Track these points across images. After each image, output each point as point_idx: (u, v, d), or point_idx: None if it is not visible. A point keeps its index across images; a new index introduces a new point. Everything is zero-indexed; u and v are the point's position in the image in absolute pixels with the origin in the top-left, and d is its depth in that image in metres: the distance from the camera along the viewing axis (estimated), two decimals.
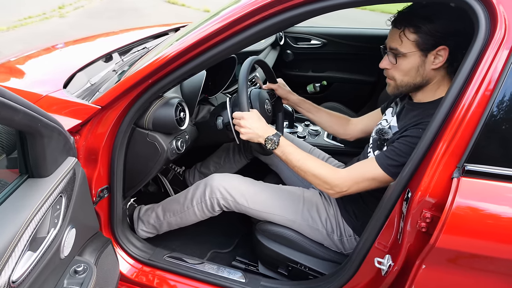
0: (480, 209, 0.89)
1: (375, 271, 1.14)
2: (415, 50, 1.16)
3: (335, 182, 1.24)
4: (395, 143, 1.19)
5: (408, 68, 1.19)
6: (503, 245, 0.89)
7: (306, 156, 1.31)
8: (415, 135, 1.13)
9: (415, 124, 1.17)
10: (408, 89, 1.25)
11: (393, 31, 1.20)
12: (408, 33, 1.15)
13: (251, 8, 1.07)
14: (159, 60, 1.18)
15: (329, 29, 2.78)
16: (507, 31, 0.89)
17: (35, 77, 1.61)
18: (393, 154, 1.17)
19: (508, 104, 0.87)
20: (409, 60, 1.18)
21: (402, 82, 1.23)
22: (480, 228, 0.89)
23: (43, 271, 0.85)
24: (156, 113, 1.33)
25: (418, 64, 1.18)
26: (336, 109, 2.53)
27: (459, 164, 0.91)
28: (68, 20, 6.47)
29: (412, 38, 1.15)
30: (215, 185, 1.46)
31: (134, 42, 1.91)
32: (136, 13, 7.20)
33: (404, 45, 1.16)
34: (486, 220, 0.88)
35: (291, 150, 1.31)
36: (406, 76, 1.21)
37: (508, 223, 0.88)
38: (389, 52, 1.21)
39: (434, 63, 1.17)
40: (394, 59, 1.20)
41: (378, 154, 1.22)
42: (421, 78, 1.20)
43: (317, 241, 1.44)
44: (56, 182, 0.90)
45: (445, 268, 0.95)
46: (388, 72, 1.25)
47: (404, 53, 1.17)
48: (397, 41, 1.18)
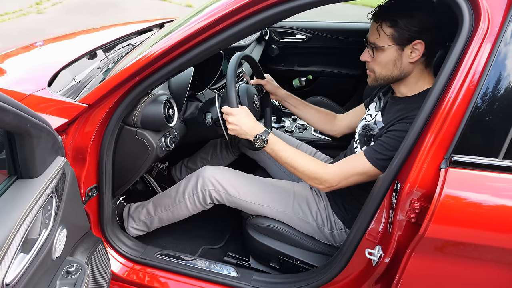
0: (468, 198, 0.91)
1: (366, 262, 1.16)
2: (391, 43, 1.19)
3: (325, 177, 1.25)
4: (383, 138, 1.21)
5: (385, 61, 1.23)
6: (490, 233, 0.92)
7: (295, 152, 1.32)
8: (402, 129, 1.16)
9: (400, 119, 1.20)
10: (387, 81, 1.29)
11: (372, 25, 1.24)
12: (385, 27, 1.19)
13: (237, 4, 1.07)
14: (146, 57, 1.17)
15: (314, 23, 2.79)
16: (490, 24, 0.91)
17: (16, 75, 1.57)
18: (381, 148, 1.19)
19: (492, 96, 0.89)
20: (386, 54, 1.21)
21: (380, 75, 1.27)
22: (467, 217, 0.91)
23: (36, 272, 0.84)
24: (145, 111, 1.32)
25: (395, 58, 1.21)
26: (321, 103, 2.55)
27: (446, 155, 0.93)
28: (46, 17, 6.32)
29: (388, 32, 1.18)
30: (207, 176, 1.46)
31: (118, 38, 1.88)
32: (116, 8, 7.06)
33: (381, 39, 1.20)
34: (473, 209, 0.91)
35: (280, 147, 1.32)
36: (384, 69, 1.25)
37: (494, 212, 0.91)
38: (369, 46, 1.25)
39: (411, 57, 1.20)
40: (373, 52, 1.24)
41: (367, 149, 1.24)
42: (399, 71, 1.24)
43: (308, 234, 1.45)
44: (46, 183, 0.88)
45: (434, 257, 0.98)
46: (369, 64, 1.29)
47: (382, 47, 1.21)
48: (375, 34, 1.22)
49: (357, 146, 1.39)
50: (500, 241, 0.91)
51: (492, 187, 0.92)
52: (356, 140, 1.42)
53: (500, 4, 0.91)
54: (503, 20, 0.90)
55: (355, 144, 1.41)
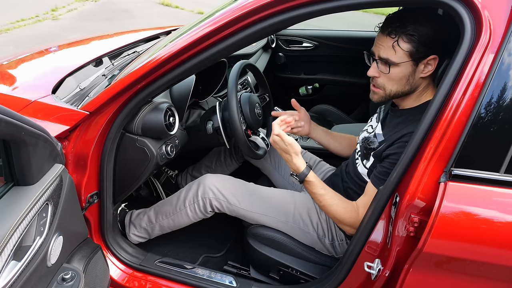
0: (467, 213, 0.89)
1: (365, 275, 1.14)
2: (408, 59, 1.14)
3: (351, 222, 1.25)
4: (385, 163, 1.19)
5: (399, 77, 1.17)
6: (490, 249, 0.89)
7: (329, 198, 1.28)
8: (402, 150, 1.11)
9: (399, 138, 1.17)
10: (396, 97, 1.24)
11: (384, 40, 1.15)
12: (401, 42, 1.12)
13: (240, 12, 1.07)
14: (148, 64, 1.18)
15: (321, 31, 2.79)
16: (492, 35, 0.89)
17: (26, 81, 1.60)
18: (386, 174, 1.15)
19: (493, 109, 0.87)
20: (401, 69, 1.16)
21: (391, 91, 1.21)
22: (466, 232, 0.89)
23: (29, 279, 0.84)
24: (145, 118, 1.33)
25: (409, 73, 1.16)
26: (328, 112, 2.54)
27: (446, 169, 0.91)
28: (61, 23, 6.45)
29: (405, 48, 1.12)
30: (207, 184, 1.46)
31: (124, 46, 1.90)
32: (130, 15, 7.18)
33: (397, 55, 1.14)
34: (472, 224, 0.88)
35: (314, 190, 1.29)
36: (396, 84, 1.19)
37: (494, 227, 0.88)
38: (379, 61, 1.18)
39: (424, 71, 1.16)
40: (386, 68, 1.17)
41: (374, 179, 1.22)
42: (410, 87, 1.20)
43: (309, 245, 1.44)
44: (42, 190, 0.89)
45: (433, 272, 0.95)
46: (377, 80, 1.22)
47: (397, 63, 1.14)
48: (390, 50, 1.14)
49: (358, 158, 1.37)
50: (500, 258, 0.88)
51: (492, 202, 0.89)
52: (358, 151, 1.40)
53: (503, 15, 0.89)
54: (505, 31, 0.88)
55: (357, 155, 1.39)
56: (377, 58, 1.19)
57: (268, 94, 1.76)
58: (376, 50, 1.19)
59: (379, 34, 1.18)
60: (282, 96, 2.90)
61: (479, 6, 0.90)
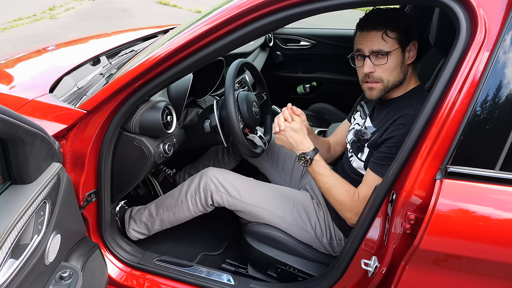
0: (463, 210, 0.89)
1: (362, 272, 1.14)
2: (398, 46, 1.21)
3: (352, 205, 1.25)
4: (383, 149, 1.21)
5: (394, 66, 1.23)
6: (485, 246, 0.90)
7: (334, 180, 1.28)
8: (398, 133, 1.17)
9: (392, 122, 1.21)
10: (393, 88, 1.27)
11: (371, 35, 1.21)
12: (389, 32, 1.20)
13: (238, 10, 1.07)
14: (146, 63, 1.18)
15: (318, 30, 2.79)
16: (487, 33, 0.90)
17: (23, 80, 1.60)
18: (386, 159, 1.18)
19: (489, 107, 0.88)
20: (394, 58, 1.22)
21: (389, 82, 1.25)
22: (462, 229, 0.89)
23: (27, 278, 0.85)
24: (143, 117, 1.33)
25: (400, 61, 1.23)
26: (325, 110, 2.55)
27: (441, 166, 0.92)
28: (59, 22, 6.44)
29: (393, 36, 1.20)
30: (209, 176, 1.48)
31: (122, 44, 1.90)
32: (127, 14, 7.17)
33: (389, 44, 1.21)
34: (468, 221, 0.89)
35: (321, 171, 1.28)
36: (392, 74, 1.24)
37: (490, 224, 0.89)
38: (372, 56, 1.23)
39: (409, 58, 1.24)
40: (383, 59, 1.22)
41: (373, 166, 1.23)
42: (403, 75, 1.26)
43: (306, 243, 1.44)
44: (39, 188, 0.89)
45: (429, 269, 0.96)
46: (373, 75, 1.25)
47: (389, 52, 1.21)
48: (381, 42, 1.21)
49: (352, 155, 1.39)
50: (495, 254, 0.89)
51: (488, 199, 0.90)
52: (349, 150, 1.42)
53: (497, 13, 0.90)
54: (500, 29, 0.89)
55: (349, 153, 1.41)
56: (369, 54, 1.23)
57: (266, 93, 1.77)
58: (365, 47, 1.23)
59: (362, 33, 1.25)
60: (279, 94, 2.90)
61: (474, 4, 0.90)
